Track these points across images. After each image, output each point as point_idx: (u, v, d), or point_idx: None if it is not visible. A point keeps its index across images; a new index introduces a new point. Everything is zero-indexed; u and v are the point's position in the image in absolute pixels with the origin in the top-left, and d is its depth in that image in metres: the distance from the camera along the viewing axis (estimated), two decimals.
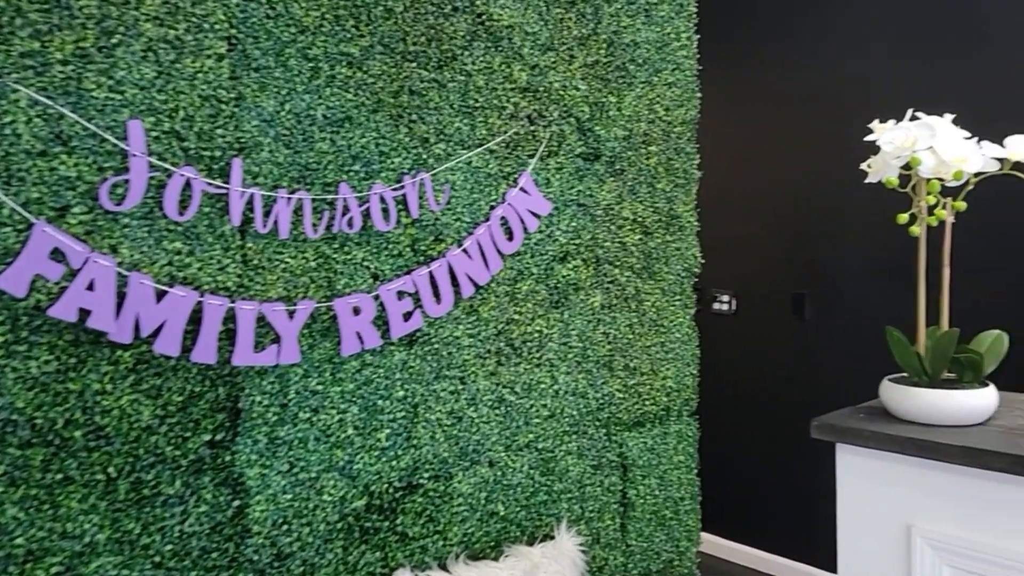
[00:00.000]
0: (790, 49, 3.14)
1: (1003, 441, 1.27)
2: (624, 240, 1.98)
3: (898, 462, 1.37)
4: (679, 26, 2.06)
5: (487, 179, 1.74)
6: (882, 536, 1.40)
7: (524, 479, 1.82)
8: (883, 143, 1.35)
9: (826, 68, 3.03)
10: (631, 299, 2.00)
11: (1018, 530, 1.23)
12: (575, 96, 1.86)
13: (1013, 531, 1.24)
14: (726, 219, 3.33)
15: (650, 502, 2.06)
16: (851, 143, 2.93)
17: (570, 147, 1.87)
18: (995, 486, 1.26)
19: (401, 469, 1.64)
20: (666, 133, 2.05)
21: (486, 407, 1.76)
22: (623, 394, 1.99)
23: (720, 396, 3.37)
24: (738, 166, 3.32)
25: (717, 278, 3.34)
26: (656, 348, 2.06)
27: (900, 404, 1.40)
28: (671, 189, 2.07)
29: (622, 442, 2.00)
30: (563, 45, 1.84)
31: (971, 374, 1.39)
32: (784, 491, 3.24)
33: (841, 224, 3.01)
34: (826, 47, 3.03)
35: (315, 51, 1.49)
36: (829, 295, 3.06)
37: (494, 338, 1.77)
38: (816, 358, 3.11)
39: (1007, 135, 1.36)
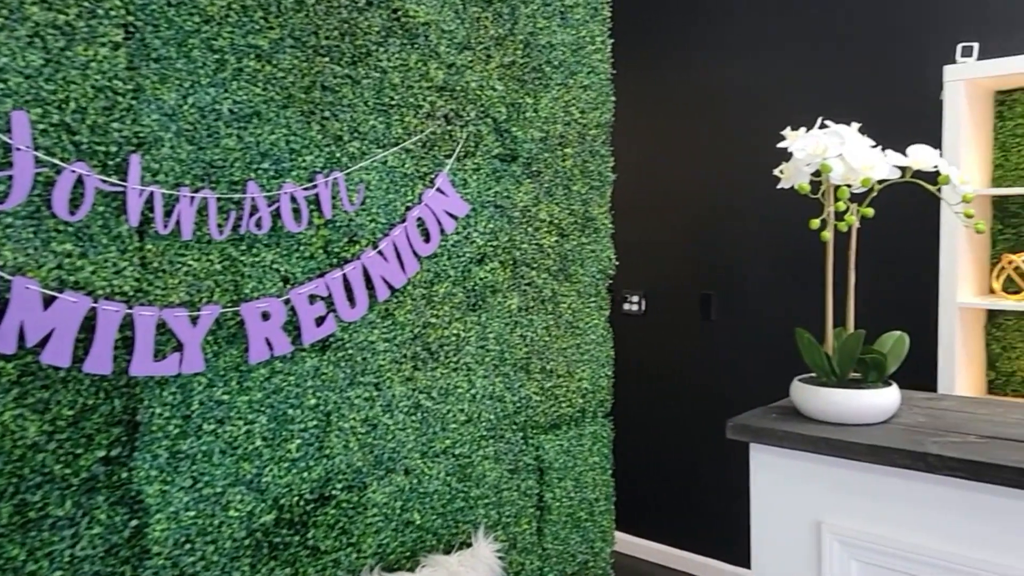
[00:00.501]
0: (699, 55, 3.21)
1: (905, 438, 1.33)
2: (541, 242, 1.97)
3: (809, 460, 1.41)
4: (594, 30, 2.06)
5: (403, 179, 1.69)
6: (793, 533, 1.44)
7: (441, 486, 1.79)
8: (795, 150, 1.38)
9: (734, 75, 3.12)
10: (548, 301, 1.99)
11: (920, 524, 1.29)
12: (492, 96, 1.84)
13: (915, 525, 1.29)
14: (635, 221, 3.38)
15: (566, 505, 2.06)
16: (755, 148, 3.03)
17: (487, 148, 1.84)
18: (899, 482, 1.31)
19: (313, 480, 1.58)
20: (582, 135, 2.05)
21: (402, 413, 1.71)
22: (540, 397, 1.98)
23: (631, 396, 3.42)
24: (646, 169, 3.37)
25: (627, 279, 3.39)
26: (572, 350, 2.06)
27: (810, 404, 1.44)
28: (587, 191, 2.07)
29: (539, 445, 1.99)
30: (480, 44, 1.81)
31: (875, 374, 1.44)
32: (696, 488, 3.31)
33: (745, 227, 3.10)
34: (734, 54, 3.11)
35: (221, 42, 1.41)
36: (734, 296, 3.15)
37: (410, 342, 1.72)
38: (722, 358, 3.19)
39: (897, 143, 1.42)
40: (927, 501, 1.27)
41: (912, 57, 2.66)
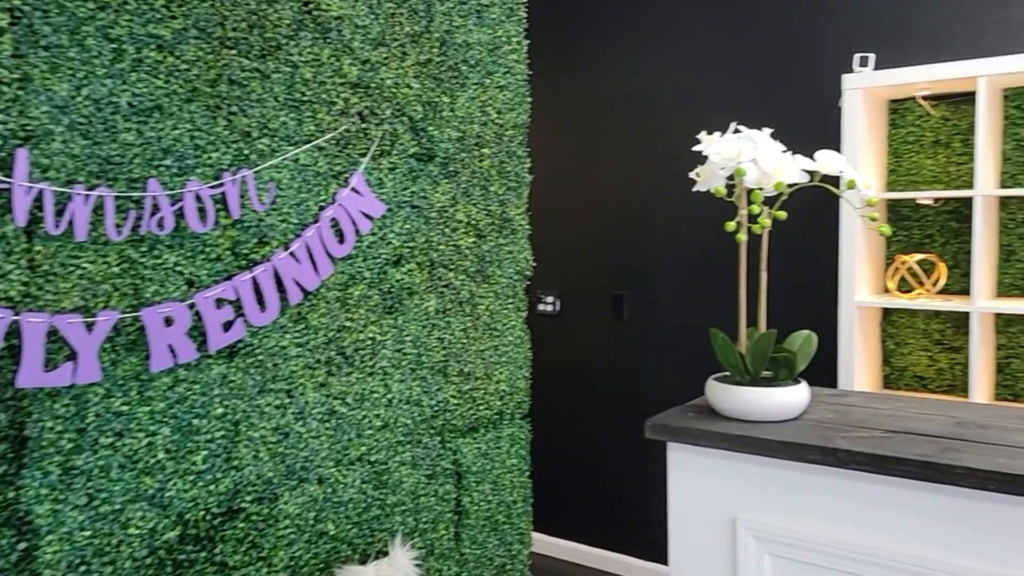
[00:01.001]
0: (613, 59, 3.25)
1: (816, 435, 1.37)
2: (458, 243, 1.94)
3: (725, 458, 1.43)
4: (510, 30, 2.05)
5: (316, 178, 1.64)
6: (710, 529, 1.46)
7: (356, 495, 1.74)
8: (711, 154, 1.40)
9: (646, 79, 3.17)
10: (465, 303, 1.96)
11: (831, 517, 1.33)
12: (408, 94, 1.80)
13: (826, 518, 1.33)
14: (550, 221, 3.39)
15: (484, 508, 2.04)
16: (666, 150, 3.09)
17: (403, 147, 1.80)
18: (810, 477, 1.35)
19: (220, 493, 1.50)
20: (498, 136, 2.04)
21: (315, 421, 1.66)
22: (458, 400, 1.96)
23: (546, 396, 3.43)
24: (560, 169, 3.39)
25: (542, 279, 3.40)
26: (490, 352, 2.04)
27: (725, 402, 1.47)
28: (504, 192, 2.06)
29: (456, 449, 1.96)
30: (395, 41, 1.77)
31: (786, 372, 1.48)
32: (612, 486, 3.35)
33: (656, 228, 3.16)
34: (647, 59, 3.16)
35: (118, 31, 1.32)
36: (645, 296, 3.21)
37: (324, 347, 1.67)
38: (635, 357, 3.24)
39: (801, 148, 1.47)
40: (837, 495, 1.32)
41: (815, 66, 2.77)
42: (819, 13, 2.76)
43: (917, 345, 2.64)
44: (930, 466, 1.19)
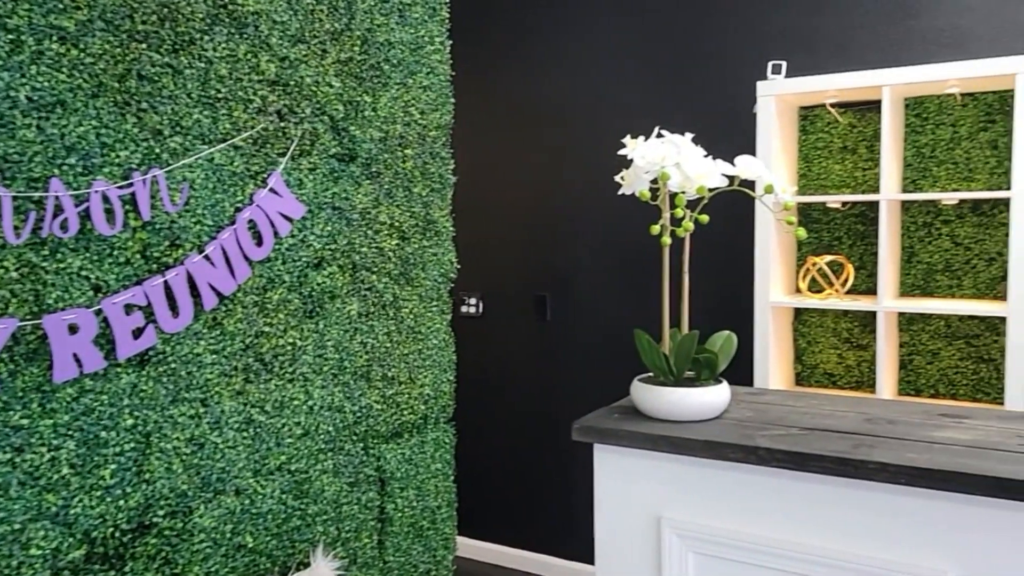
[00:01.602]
0: (536, 61, 3.26)
1: (737, 433, 1.40)
2: (381, 245, 1.90)
3: (650, 458, 1.45)
4: (433, 30, 2.03)
5: (232, 178, 1.58)
6: (635, 528, 1.48)
7: (275, 505, 1.68)
8: (636, 157, 1.42)
9: (570, 82, 3.19)
10: (389, 306, 1.93)
11: (751, 514, 1.36)
12: (328, 93, 1.75)
13: (747, 515, 1.36)
14: (472, 222, 3.38)
15: (408, 515, 2.01)
16: (588, 153, 3.12)
17: (324, 147, 1.76)
18: (732, 475, 1.37)
19: (130, 509, 1.43)
20: (422, 137, 2.01)
21: (232, 430, 1.60)
22: (381, 405, 1.92)
23: (470, 399, 3.42)
24: (483, 170, 3.38)
25: (464, 280, 3.38)
26: (414, 356, 2.01)
27: (650, 403, 1.48)
28: (427, 194, 2.03)
29: (380, 455, 1.93)
30: (315, 38, 1.72)
31: (708, 372, 1.51)
32: (536, 488, 3.36)
33: (579, 229, 3.19)
34: (570, 62, 3.19)
35: (16, 21, 1.24)
36: (569, 297, 3.23)
37: (241, 353, 1.61)
38: (558, 358, 3.26)
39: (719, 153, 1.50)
40: (758, 492, 1.35)
41: (731, 72, 2.84)
42: (735, 21, 2.84)
43: (827, 343, 2.75)
44: (845, 462, 1.23)
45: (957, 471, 1.13)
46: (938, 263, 2.56)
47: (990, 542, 1.14)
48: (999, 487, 1.10)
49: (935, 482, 1.15)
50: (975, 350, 2.51)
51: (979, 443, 1.27)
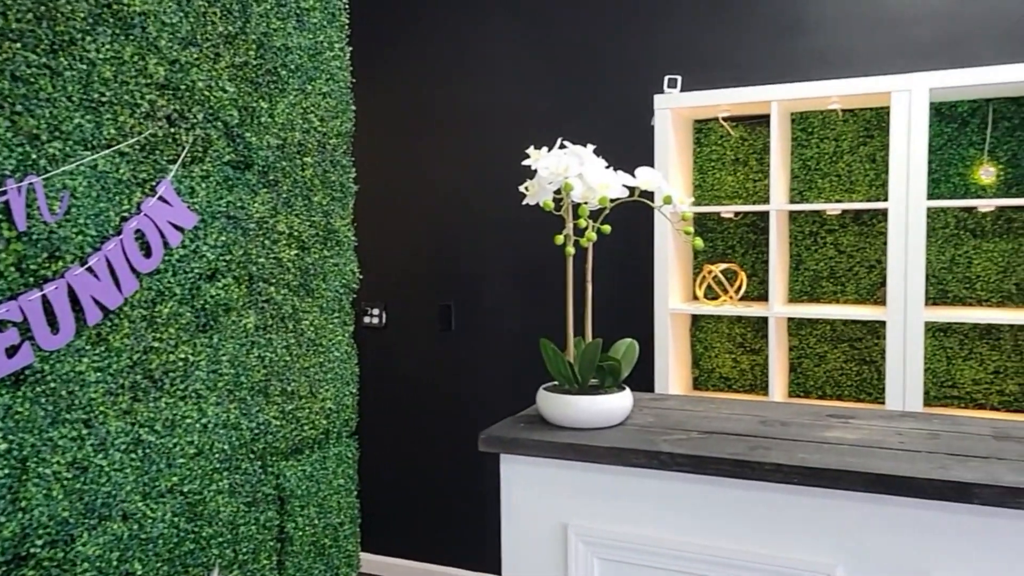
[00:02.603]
0: (438, 71, 3.25)
1: (640, 439, 1.42)
2: (280, 256, 1.84)
3: (556, 466, 1.46)
4: (332, 35, 1.99)
5: (117, 186, 1.49)
6: (542, 537, 1.48)
7: (167, 529, 1.60)
8: (540, 168, 1.43)
9: (473, 91, 3.19)
10: (288, 319, 1.87)
11: (654, 518, 1.38)
12: (222, 98, 1.69)
13: (650, 519, 1.39)
14: (375, 231, 3.33)
15: (309, 533, 1.95)
16: (490, 162, 3.13)
17: (218, 154, 1.69)
18: (636, 480, 1.40)
19: (4, 540, 1.33)
20: (322, 144, 1.96)
21: (119, 452, 1.51)
22: (280, 421, 1.86)
23: (373, 412, 3.36)
24: (386, 179, 3.34)
25: (367, 291, 3.33)
26: (315, 369, 1.95)
27: (555, 411, 1.49)
28: (328, 202, 1.99)
29: (279, 473, 1.86)
30: (207, 41, 1.66)
31: (612, 379, 1.53)
32: (443, 500, 3.33)
33: (483, 238, 3.19)
34: (472, 71, 3.19)
35: None
36: (474, 306, 3.22)
37: (128, 370, 1.52)
38: (464, 367, 3.25)
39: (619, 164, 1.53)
40: (661, 496, 1.37)
41: (630, 86, 2.91)
42: (633, 36, 2.91)
43: (723, 348, 2.84)
44: (742, 464, 1.27)
45: (844, 469, 1.18)
46: (823, 270, 2.69)
47: (874, 536, 1.20)
48: (881, 483, 1.16)
49: (825, 481, 1.20)
50: (858, 352, 2.65)
51: (864, 442, 1.33)
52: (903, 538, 1.18)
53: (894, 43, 2.54)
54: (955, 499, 1.12)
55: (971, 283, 2.51)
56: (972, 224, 2.50)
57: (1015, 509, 1.09)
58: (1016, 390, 2.46)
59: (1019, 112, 2.42)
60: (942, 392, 2.55)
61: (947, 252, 2.53)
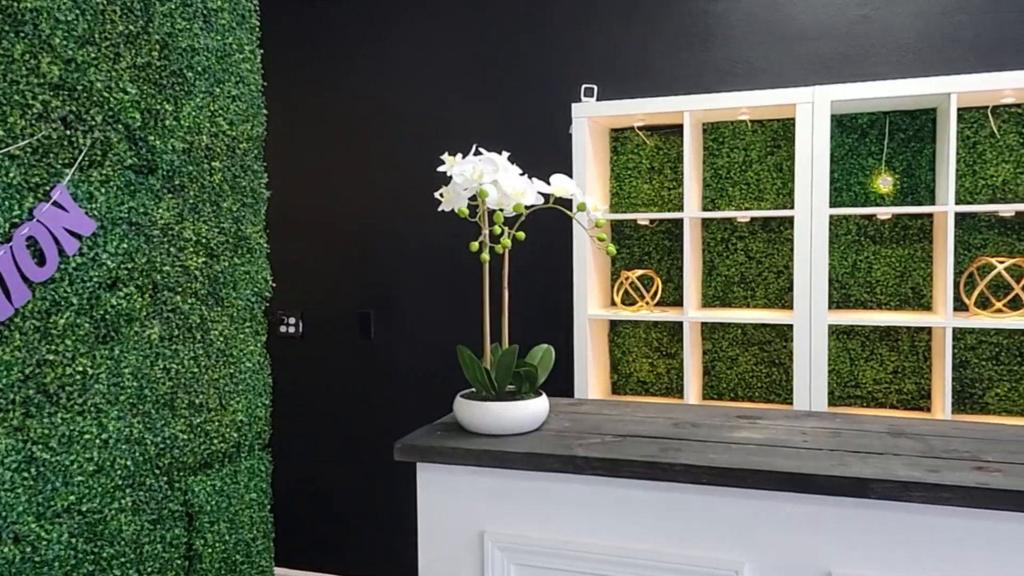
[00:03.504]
0: (355, 76, 3.21)
1: (556, 443, 1.43)
2: (187, 264, 1.78)
3: (472, 473, 1.45)
4: (242, 37, 1.94)
5: (7, 191, 1.41)
6: (459, 545, 1.47)
7: (63, 551, 1.52)
8: (454, 175, 1.42)
9: (388, 96, 3.16)
10: (196, 329, 1.80)
11: (570, 522, 1.39)
12: (123, 100, 1.62)
13: (566, 524, 1.39)
14: (290, 238, 3.26)
15: (219, 550, 1.88)
16: (409, 169, 3.10)
17: (118, 157, 1.62)
18: (552, 485, 1.40)
19: None
20: (231, 149, 1.91)
21: (9, 471, 1.42)
22: (188, 435, 1.79)
23: (290, 423, 3.28)
24: (302, 185, 3.28)
25: (283, 300, 3.25)
26: (225, 380, 1.89)
27: (472, 418, 1.49)
28: (238, 208, 1.93)
29: (187, 488, 1.79)
30: (106, 40, 1.59)
31: (528, 385, 1.54)
32: (362, 510, 3.27)
33: (402, 245, 3.16)
34: (389, 77, 3.16)
35: None
36: (394, 314, 3.19)
37: (20, 384, 1.44)
38: (384, 376, 3.21)
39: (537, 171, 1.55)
40: (576, 500, 1.38)
41: (548, 94, 2.94)
42: (552, 45, 2.94)
43: (640, 353, 2.89)
44: (653, 465, 1.29)
45: (750, 468, 1.22)
46: (735, 276, 2.77)
47: (779, 532, 1.24)
48: (785, 481, 1.19)
49: (731, 480, 1.23)
50: (768, 355, 2.74)
51: (769, 441, 1.37)
52: (806, 533, 1.22)
53: (798, 57, 2.64)
54: (853, 494, 1.16)
55: (871, 287, 2.62)
56: (872, 231, 2.62)
57: (907, 502, 1.15)
58: (913, 389, 2.59)
59: (913, 124, 2.55)
60: (846, 392, 2.66)
61: (849, 258, 2.64)
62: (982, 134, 2.48)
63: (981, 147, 2.48)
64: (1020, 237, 2.46)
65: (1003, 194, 2.47)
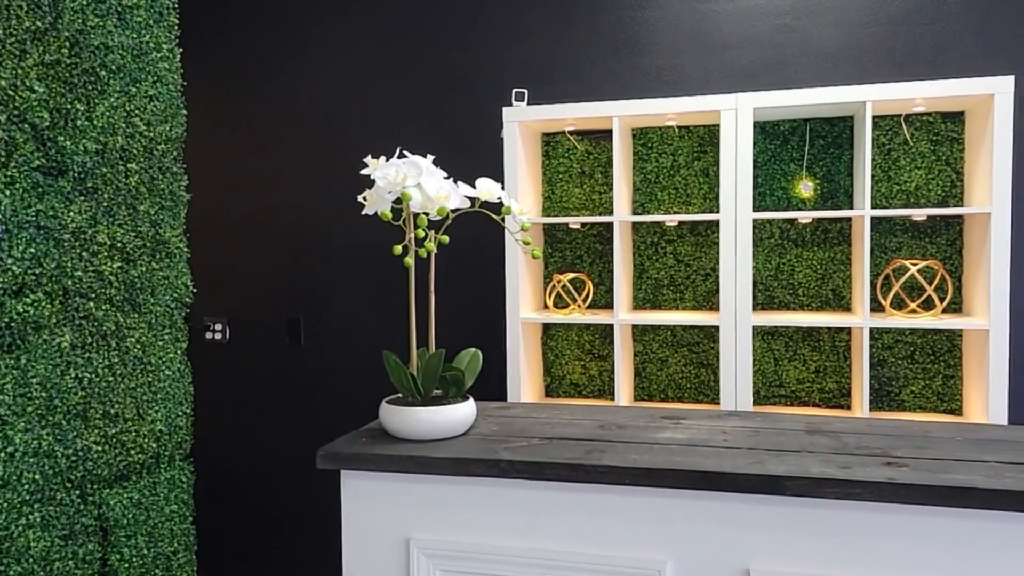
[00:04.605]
0: (282, 75, 3.15)
1: (481, 448, 1.42)
2: (100, 269, 1.71)
3: (397, 480, 1.43)
4: (159, 35, 1.88)
5: None
6: (384, 553, 1.45)
7: None
8: (377, 178, 1.40)
9: (318, 99, 3.11)
10: (111, 336, 1.74)
11: (496, 526, 1.39)
12: (30, 98, 1.55)
13: (492, 528, 1.39)
14: (216, 242, 3.18)
15: (137, 565, 1.82)
16: (337, 172, 3.06)
17: (25, 158, 1.55)
18: (478, 489, 1.39)
19: None
20: (148, 150, 1.85)
21: None
22: (102, 446, 1.72)
23: (217, 432, 3.19)
24: (227, 187, 3.20)
25: (208, 306, 3.16)
26: (143, 389, 1.83)
27: (397, 424, 1.47)
28: (156, 212, 1.87)
29: (101, 502, 1.73)
30: (11, 37, 1.52)
31: (455, 389, 1.53)
32: (292, 521, 3.20)
33: (332, 250, 3.11)
34: (317, 79, 3.11)
35: None
36: (324, 320, 3.14)
37: None
38: (314, 382, 3.15)
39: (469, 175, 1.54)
40: (501, 504, 1.38)
41: (481, 98, 2.93)
42: (483, 49, 2.94)
43: (572, 355, 2.91)
44: (577, 467, 1.30)
45: (671, 468, 1.23)
46: (664, 278, 2.82)
47: (700, 531, 1.25)
48: (705, 480, 1.21)
49: (653, 480, 1.24)
50: (696, 356, 2.79)
51: (691, 441, 1.39)
52: (725, 531, 1.24)
53: (723, 65, 2.70)
54: (769, 491, 1.19)
55: (794, 289, 2.70)
56: (794, 235, 2.69)
57: (820, 498, 1.18)
58: (834, 387, 2.67)
59: (832, 131, 2.63)
60: (771, 391, 2.72)
61: (773, 260, 2.71)
62: (896, 141, 2.57)
63: (895, 154, 2.58)
64: (932, 240, 2.56)
65: (916, 199, 2.57)
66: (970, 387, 2.46)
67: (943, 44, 2.52)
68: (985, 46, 2.49)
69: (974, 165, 2.43)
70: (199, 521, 2.04)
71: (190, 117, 2.00)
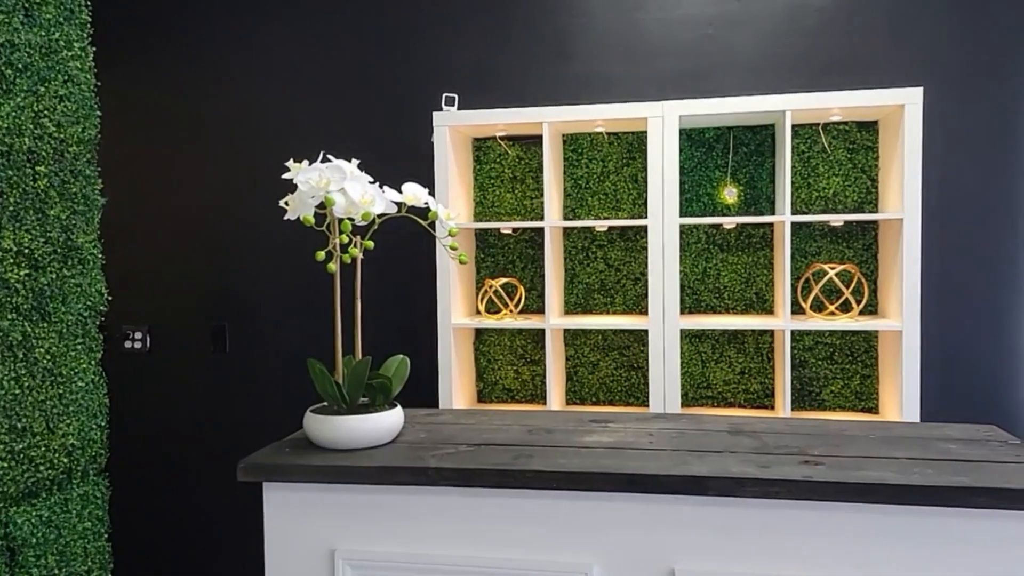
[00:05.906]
0: (203, 75, 3.06)
1: (409, 455, 1.41)
2: (6, 276, 1.63)
3: (322, 491, 1.40)
4: (70, 33, 1.81)
5: None
6: (308, 565, 1.42)
7: None
8: (299, 182, 1.38)
9: (242, 101, 3.04)
10: (17, 347, 1.66)
11: (425, 535, 1.37)
12: None
13: (421, 536, 1.37)
14: (135, 248, 3.07)
15: None
16: (262, 176, 2.99)
17: None
18: (406, 498, 1.38)
19: None
20: (59, 152, 1.77)
21: None
22: (8, 462, 1.64)
23: (137, 444, 3.08)
24: (147, 191, 3.09)
25: (127, 314, 3.05)
26: (53, 402, 1.75)
27: (322, 433, 1.44)
28: (68, 216, 1.79)
29: (8, 520, 1.64)
30: None
31: (382, 397, 1.51)
32: (215, 534, 3.11)
33: (257, 255, 3.04)
34: (242, 80, 3.04)
35: None
36: (250, 327, 3.06)
37: None
38: (240, 391, 3.07)
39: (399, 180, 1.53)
40: (429, 512, 1.36)
41: (412, 102, 2.91)
42: (413, 55, 2.92)
43: (505, 361, 2.91)
44: (506, 473, 1.29)
45: (597, 472, 1.24)
46: (595, 283, 2.84)
47: (626, 533, 1.27)
48: (629, 482, 1.22)
49: (580, 483, 1.25)
50: (627, 359, 2.82)
51: (618, 444, 1.41)
52: (651, 532, 1.25)
53: (650, 73, 2.75)
54: (693, 492, 1.21)
55: (720, 293, 2.76)
56: (719, 239, 2.75)
57: (741, 497, 1.20)
58: (759, 388, 2.74)
59: (755, 139, 2.70)
60: (698, 393, 2.77)
61: (699, 265, 2.76)
62: (815, 149, 2.66)
63: (814, 161, 2.66)
64: (849, 245, 2.66)
65: (834, 205, 2.66)
66: (885, 386, 2.55)
67: (858, 56, 2.62)
68: (896, 59, 2.60)
69: (888, 172, 2.53)
70: (116, 538, 1.96)
71: (106, 118, 1.92)
